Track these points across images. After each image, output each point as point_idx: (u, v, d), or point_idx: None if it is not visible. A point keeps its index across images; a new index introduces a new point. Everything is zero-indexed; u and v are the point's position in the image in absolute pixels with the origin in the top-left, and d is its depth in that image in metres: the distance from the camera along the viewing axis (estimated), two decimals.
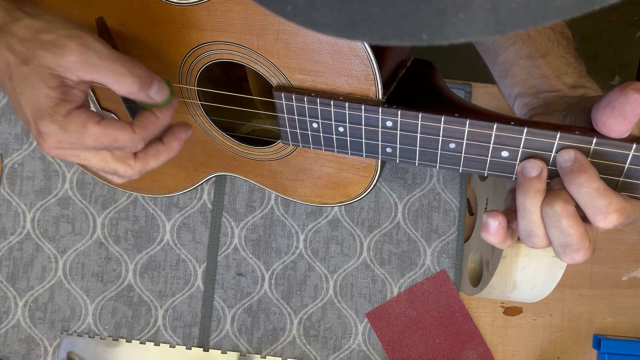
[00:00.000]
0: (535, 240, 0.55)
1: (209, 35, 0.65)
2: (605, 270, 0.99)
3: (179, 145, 0.66)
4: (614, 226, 0.52)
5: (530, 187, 0.54)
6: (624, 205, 0.52)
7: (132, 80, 0.57)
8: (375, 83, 0.61)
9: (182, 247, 0.99)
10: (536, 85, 0.67)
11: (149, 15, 0.66)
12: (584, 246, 0.53)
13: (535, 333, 0.99)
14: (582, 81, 0.66)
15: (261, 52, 0.64)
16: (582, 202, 0.52)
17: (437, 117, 0.58)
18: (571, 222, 0.52)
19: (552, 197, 0.53)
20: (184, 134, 0.66)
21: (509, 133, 0.55)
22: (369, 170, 0.72)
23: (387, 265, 0.98)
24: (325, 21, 0.31)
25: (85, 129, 0.56)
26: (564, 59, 0.68)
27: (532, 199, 0.54)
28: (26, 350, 0.98)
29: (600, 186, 0.51)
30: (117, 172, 0.63)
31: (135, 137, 0.59)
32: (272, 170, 0.79)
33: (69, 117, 0.56)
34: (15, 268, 0.98)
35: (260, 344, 0.99)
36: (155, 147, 0.64)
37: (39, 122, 0.56)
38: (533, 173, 0.55)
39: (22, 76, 0.55)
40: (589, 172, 0.52)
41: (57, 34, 0.55)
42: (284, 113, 0.66)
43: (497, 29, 0.29)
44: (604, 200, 0.51)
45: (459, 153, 0.60)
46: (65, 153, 0.59)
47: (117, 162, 0.62)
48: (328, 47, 0.60)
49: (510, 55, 0.72)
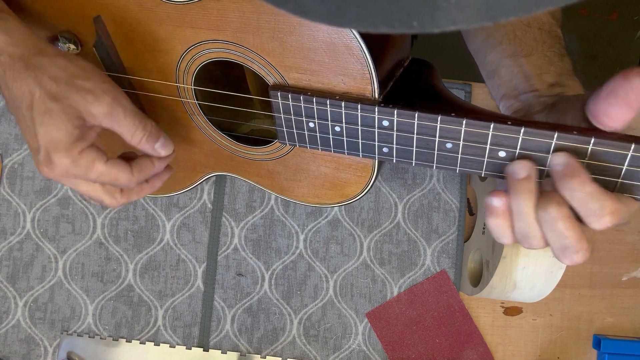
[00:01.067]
0: (532, 241, 0.55)
1: (205, 34, 0.65)
2: (605, 270, 0.99)
3: (159, 184, 0.73)
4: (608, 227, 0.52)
5: (521, 189, 0.54)
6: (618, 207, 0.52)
7: (142, 134, 0.64)
8: (371, 82, 0.60)
9: (182, 247, 0.99)
10: (518, 86, 0.67)
11: (145, 13, 0.66)
12: (583, 247, 0.53)
13: (535, 333, 0.98)
14: (561, 79, 0.65)
15: (257, 51, 0.64)
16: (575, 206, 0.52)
17: (433, 116, 0.57)
18: (567, 224, 0.52)
19: (546, 200, 0.53)
20: (165, 176, 0.74)
21: (506, 133, 0.55)
22: (366, 170, 0.72)
23: (387, 265, 0.98)
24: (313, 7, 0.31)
25: (93, 165, 0.62)
26: (547, 58, 0.67)
27: (524, 201, 0.53)
28: (26, 350, 0.98)
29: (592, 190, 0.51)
30: (102, 202, 0.69)
31: (132, 179, 0.66)
32: (270, 170, 0.79)
33: (82, 154, 0.61)
34: (15, 268, 0.98)
35: (260, 344, 0.99)
36: (139, 185, 0.71)
37: (53, 153, 0.60)
38: (522, 174, 0.54)
39: (47, 110, 0.59)
40: (581, 176, 0.51)
41: (94, 83, 0.61)
42: (280, 112, 0.66)
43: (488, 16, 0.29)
44: (597, 204, 0.51)
45: (455, 153, 0.59)
46: (63, 180, 0.64)
47: (105, 193, 0.68)
48: (324, 45, 0.60)
49: (496, 55, 0.71)
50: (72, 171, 0.61)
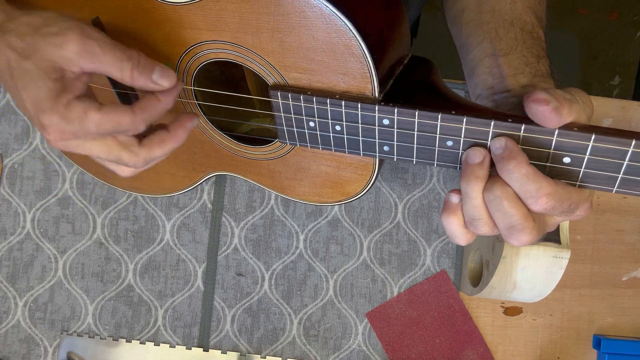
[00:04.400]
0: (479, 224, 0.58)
1: (204, 35, 0.65)
2: (605, 270, 0.99)
3: (184, 134, 0.66)
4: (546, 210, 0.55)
5: (472, 173, 0.56)
6: (555, 189, 0.54)
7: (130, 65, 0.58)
8: (371, 81, 0.61)
9: (182, 247, 0.99)
10: (494, 86, 0.68)
11: (143, 15, 0.66)
12: (528, 225, 0.56)
13: (535, 333, 0.98)
14: (535, 80, 0.66)
15: (256, 51, 0.64)
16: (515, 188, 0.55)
17: (434, 114, 0.58)
18: (512, 203, 0.55)
19: (491, 182, 0.56)
20: (190, 123, 0.66)
21: (507, 130, 0.56)
22: (367, 168, 0.72)
23: (387, 265, 0.98)
24: None
25: (86, 116, 0.57)
26: (524, 58, 0.68)
27: (473, 185, 0.56)
28: (26, 350, 0.98)
29: (529, 171, 0.54)
30: (121, 160, 0.62)
31: (136, 118, 0.59)
32: (271, 170, 0.79)
33: (69, 107, 0.57)
34: (15, 268, 0.98)
35: (260, 344, 0.99)
36: (160, 135, 0.64)
37: (40, 116, 0.57)
38: (476, 160, 0.57)
39: (24, 71, 0.56)
40: (518, 158, 0.54)
41: (57, 26, 0.56)
42: (280, 112, 0.66)
43: None
44: (533, 185, 0.54)
45: (456, 151, 0.59)
46: (69, 144, 0.59)
47: (122, 149, 0.62)
48: (323, 45, 0.60)
49: (477, 54, 0.72)
50: (67, 129, 0.57)
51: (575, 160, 0.55)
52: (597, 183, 0.56)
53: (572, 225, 0.96)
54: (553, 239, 0.80)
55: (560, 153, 0.55)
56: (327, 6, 0.57)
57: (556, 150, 0.55)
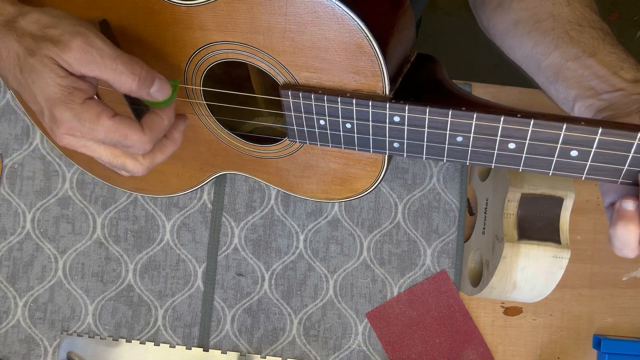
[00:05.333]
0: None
1: (215, 36, 0.65)
2: (605, 270, 1.00)
3: (180, 137, 0.67)
4: None
5: None
6: None
7: (132, 78, 0.58)
8: (382, 79, 0.61)
9: (182, 247, 0.99)
10: (594, 87, 0.66)
11: (153, 16, 0.66)
12: None
13: (535, 333, 0.99)
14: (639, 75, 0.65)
15: (267, 51, 0.64)
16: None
17: (444, 111, 0.58)
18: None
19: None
20: (183, 124, 0.68)
21: (516, 125, 0.56)
22: (376, 165, 0.72)
23: (387, 265, 0.99)
24: None
25: (99, 120, 0.57)
26: (615, 55, 0.67)
27: None
28: (26, 350, 0.98)
29: None
30: (125, 167, 0.64)
31: (145, 138, 0.60)
32: (279, 168, 0.79)
33: (85, 106, 0.57)
34: (15, 268, 0.98)
35: (260, 344, 0.99)
36: (160, 142, 0.65)
37: (54, 109, 0.57)
38: None
39: (30, 67, 0.56)
40: None
41: (62, 29, 0.57)
42: (291, 111, 0.66)
43: None
44: None
45: (466, 147, 0.60)
46: (75, 142, 0.60)
47: (126, 157, 0.63)
48: (335, 44, 0.60)
49: (555, 59, 0.71)
50: (77, 127, 0.57)
51: (582, 153, 0.56)
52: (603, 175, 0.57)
53: (572, 225, 0.96)
54: (553, 239, 0.80)
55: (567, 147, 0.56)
56: (339, 6, 0.57)
57: (564, 145, 0.56)
